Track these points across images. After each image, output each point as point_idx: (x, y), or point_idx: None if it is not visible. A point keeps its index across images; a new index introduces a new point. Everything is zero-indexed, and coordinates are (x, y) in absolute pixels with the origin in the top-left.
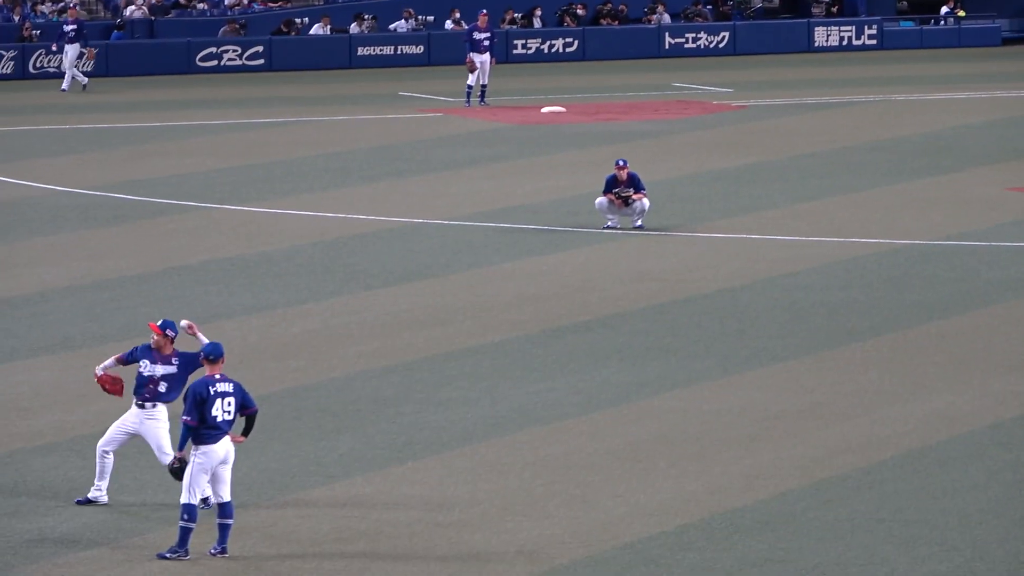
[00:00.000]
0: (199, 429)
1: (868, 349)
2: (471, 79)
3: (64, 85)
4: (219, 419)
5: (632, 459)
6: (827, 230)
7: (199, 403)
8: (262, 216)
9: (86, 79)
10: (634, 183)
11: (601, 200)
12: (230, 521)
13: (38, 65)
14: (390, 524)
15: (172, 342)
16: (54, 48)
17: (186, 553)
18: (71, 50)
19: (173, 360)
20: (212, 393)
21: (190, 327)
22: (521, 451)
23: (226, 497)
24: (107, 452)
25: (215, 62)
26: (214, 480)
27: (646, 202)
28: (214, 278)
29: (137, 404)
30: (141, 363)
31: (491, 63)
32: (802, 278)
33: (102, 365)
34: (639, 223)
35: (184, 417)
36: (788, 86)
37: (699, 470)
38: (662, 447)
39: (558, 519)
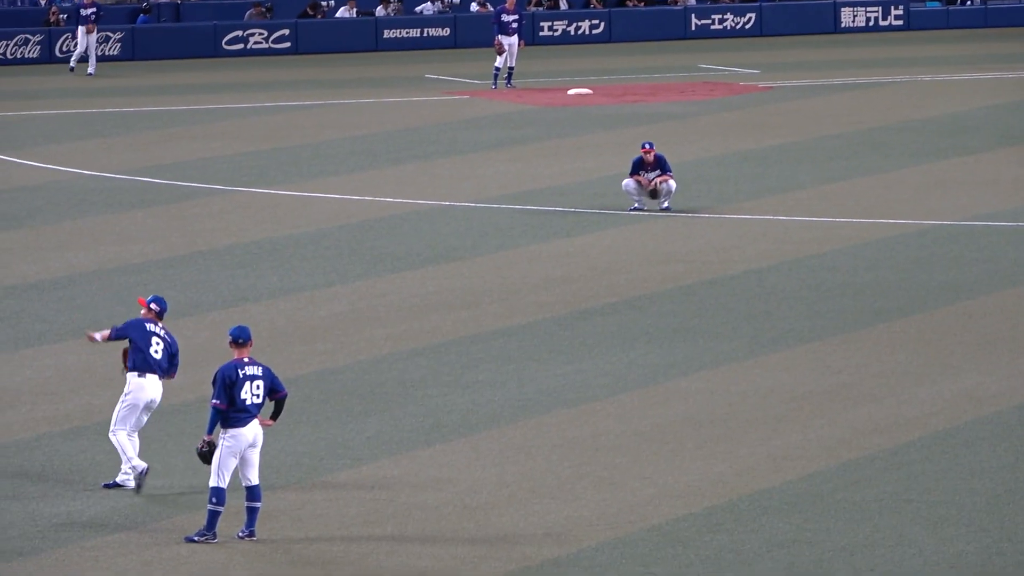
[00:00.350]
0: (228, 412)
1: (895, 330)
2: (498, 61)
3: (90, 70)
4: (248, 402)
5: (659, 441)
6: (854, 211)
7: (228, 386)
8: (289, 199)
9: (75, 66)
10: (660, 165)
11: (628, 182)
12: (258, 504)
13: (64, 49)
14: (418, 507)
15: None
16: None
17: (214, 536)
18: (85, 33)
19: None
20: (241, 376)
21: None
22: (548, 433)
23: (254, 480)
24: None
25: (241, 45)
26: (242, 463)
27: (673, 184)
28: (241, 261)
29: (160, 379)
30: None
31: (519, 45)
32: (829, 259)
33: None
34: (666, 205)
35: (213, 400)
36: (814, 67)
37: (726, 451)
38: (689, 429)
39: (586, 501)
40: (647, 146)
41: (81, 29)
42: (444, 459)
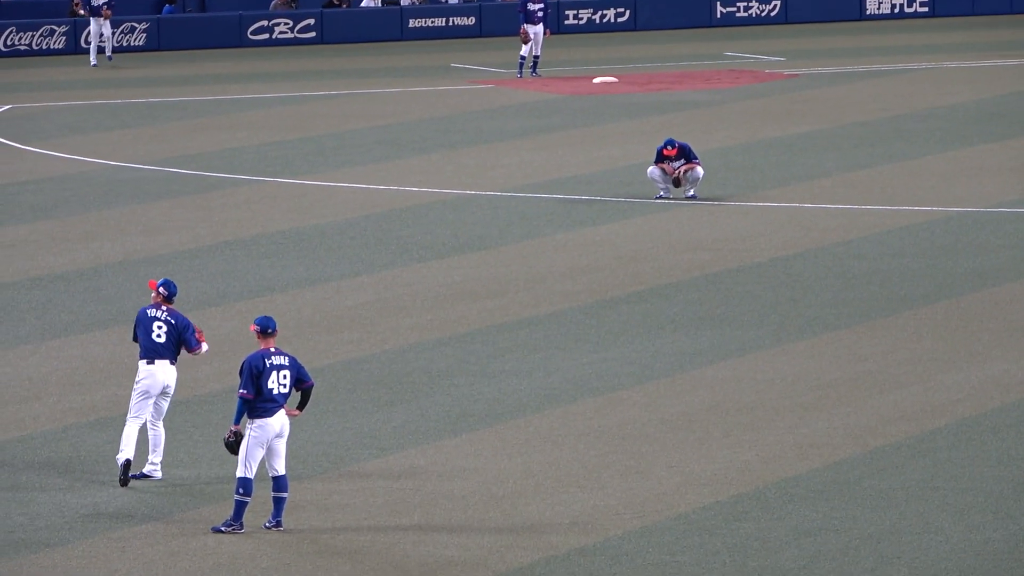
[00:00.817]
0: (254, 402)
1: (921, 317)
2: (524, 50)
3: (108, 54)
4: (275, 392)
5: (686, 429)
6: (879, 198)
7: (255, 376)
8: (314, 189)
9: (95, 60)
10: (685, 153)
11: (653, 169)
12: (285, 495)
13: (89, 40)
14: (444, 496)
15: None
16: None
17: (241, 527)
18: (96, 24)
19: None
20: (268, 366)
21: None
22: (575, 422)
23: (281, 471)
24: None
25: (267, 35)
26: (269, 453)
27: (699, 171)
28: (267, 251)
29: (171, 363)
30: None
31: (544, 34)
32: (855, 246)
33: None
34: (691, 192)
35: (240, 390)
36: (840, 54)
37: (753, 439)
38: (716, 417)
39: (612, 490)
40: (669, 147)
41: (93, 20)
42: (470, 448)
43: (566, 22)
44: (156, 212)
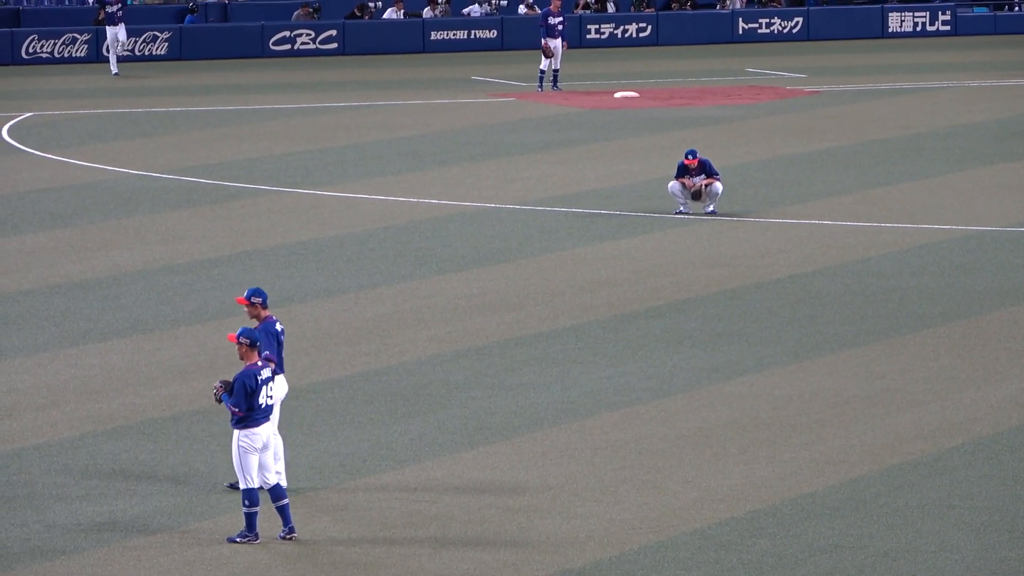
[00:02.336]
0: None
1: (939, 335)
2: (543, 63)
3: (113, 67)
4: (263, 405)
5: (703, 444)
6: (899, 216)
7: (249, 394)
8: (334, 200)
9: (115, 68)
10: (705, 169)
11: (673, 184)
12: (285, 500)
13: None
14: (460, 509)
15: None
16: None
17: (256, 537)
18: (114, 31)
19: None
20: (259, 382)
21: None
22: (592, 436)
23: (272, 481)
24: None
25: (288, 46)
26: (260, 467)
27: (719, 186)
28: (286, 262)
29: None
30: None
31: (563, 47)
32: (874, 264)
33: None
34: (711, 208)
35: (232, 407)
36: (861, 72)
37: (769, 456)
38: (733, 432)
39: (628, 504)
40: (690, 156)
41: (110, 28)
42: (487, 461)
43: (588, 36)
44: (176, 221)
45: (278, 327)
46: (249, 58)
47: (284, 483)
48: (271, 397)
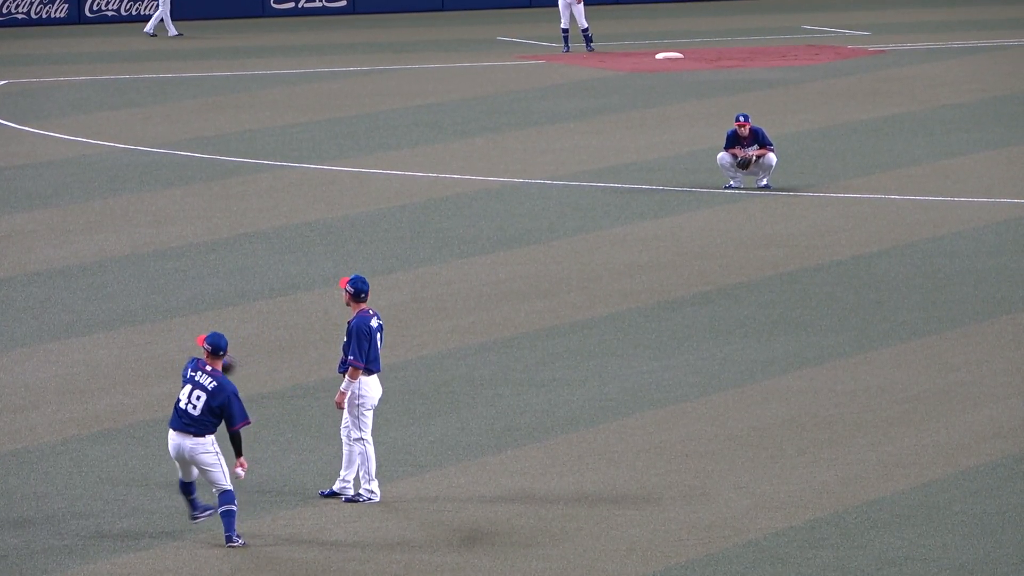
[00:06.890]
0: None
1: (1020, 322)
2: (564, 21)
3: (170, 28)
4: (180, 404)
5: (757, 446)
6: (975, 190)
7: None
8: (344, 176)
9: (173, 29)
10: (758, 139)
11: (723, 156)
12: (228, 507)
13: (95, 8)
14: (486, 519)
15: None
16: None
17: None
18: None
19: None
20: (187, 376)
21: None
22: (633, 438)
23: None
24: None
25: (292, 4)
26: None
27: (773, 158)
28: (291, 245)
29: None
30: None
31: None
32: (946, 243)
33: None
34: (765, 182)
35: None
36: (932, 28)
37: (832, 458)
38: (790, 432)
39: (674, 513)
40: (742, 119)
41: None
42: (516, 466)
43: None
44: (167, 200)
45: (374, 323)
46: (249, 18)
47: (350, 492)
48: (193, 405)
